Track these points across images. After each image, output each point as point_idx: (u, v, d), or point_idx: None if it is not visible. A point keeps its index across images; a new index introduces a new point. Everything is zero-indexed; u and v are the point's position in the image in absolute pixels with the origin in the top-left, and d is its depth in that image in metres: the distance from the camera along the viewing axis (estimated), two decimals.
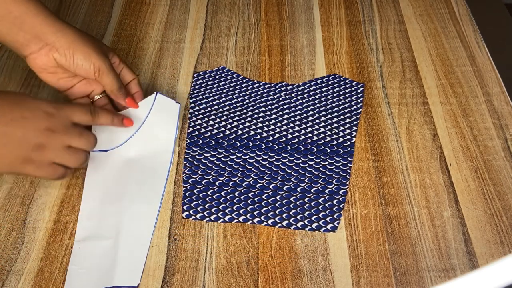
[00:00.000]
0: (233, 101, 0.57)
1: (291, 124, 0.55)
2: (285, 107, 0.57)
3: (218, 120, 0.55)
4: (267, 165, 0.51)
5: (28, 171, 0.41)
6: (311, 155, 0.52)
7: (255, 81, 0.59)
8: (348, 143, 0.53)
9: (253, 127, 0.55)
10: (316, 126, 0.54)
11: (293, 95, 0.58)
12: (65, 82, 0.49)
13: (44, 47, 0.45)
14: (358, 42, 0.64)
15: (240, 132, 0.54)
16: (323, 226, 0.46)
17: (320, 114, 0.56)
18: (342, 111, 0.56)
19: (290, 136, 0.54)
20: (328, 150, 0.52)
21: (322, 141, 0.53)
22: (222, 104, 0.57)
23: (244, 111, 0.56)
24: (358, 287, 0.42)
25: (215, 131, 0.54)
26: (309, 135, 0.54)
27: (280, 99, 0.57)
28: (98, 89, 0.51)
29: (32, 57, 0.45)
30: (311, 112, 0.56)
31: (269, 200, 0.48)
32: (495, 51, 0.61)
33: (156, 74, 0.61)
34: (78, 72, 0.47)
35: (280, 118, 0.55)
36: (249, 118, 0.55)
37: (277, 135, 0.54)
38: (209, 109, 0.56)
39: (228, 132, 0.54)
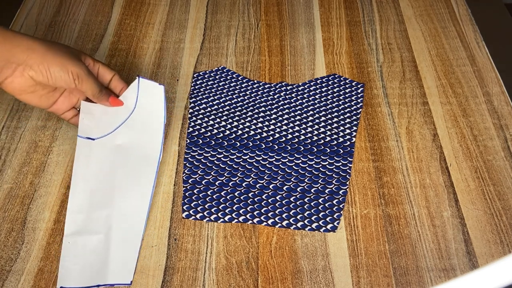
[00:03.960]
0: (233, 101, 0.57)
1: (291, 124, 0.55)
2: (285, 107, 0.57)
3: (218, 120, 0.55)
4: (267, 165, 0.51)
5: None
6: (311, 155, 0.52)
7: (255, 81, 0.59)
8: (348, 143, 0.53)
9: (253, 127, 0.55)
10: (316, 126, 0.54)
11: (293, 95, 0.58)
12: (47, 99, 0.48)
13: (17, 68, 0.44)
14: (358, 42, 0.64)
15: (240, 132, 0.54)
16: (323, 226, 0.46)
17: (320, 114, 0.56)
18: (342, 111, 0.56)
19: (290, 136, 0.53)
20: (328, 150, 0.52)
21: (322, 141, 0.53)
22: (222, 104, 0.57)
23: (244, 111, 0.56)
24: (358, 287, 0.42)
25: (215, 131, 0.54)
26: (309, 135, 0.53)
27: (280, 99, 0.57)
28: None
29: (8, 82, 0.44)
30: (311, 112, 0.56)
31: (269, 200, 0.48)
32: (495, 51, 0.61)
33: (156, 74, 0.60)
34: (58, 84, 0.46)
35: (280, 118, 0.55)
36: (249, 118, 0.55)
37: (277, 135, 0.54)
38: (209, 109, 0.56)
39: (228, 132, 0.54)
